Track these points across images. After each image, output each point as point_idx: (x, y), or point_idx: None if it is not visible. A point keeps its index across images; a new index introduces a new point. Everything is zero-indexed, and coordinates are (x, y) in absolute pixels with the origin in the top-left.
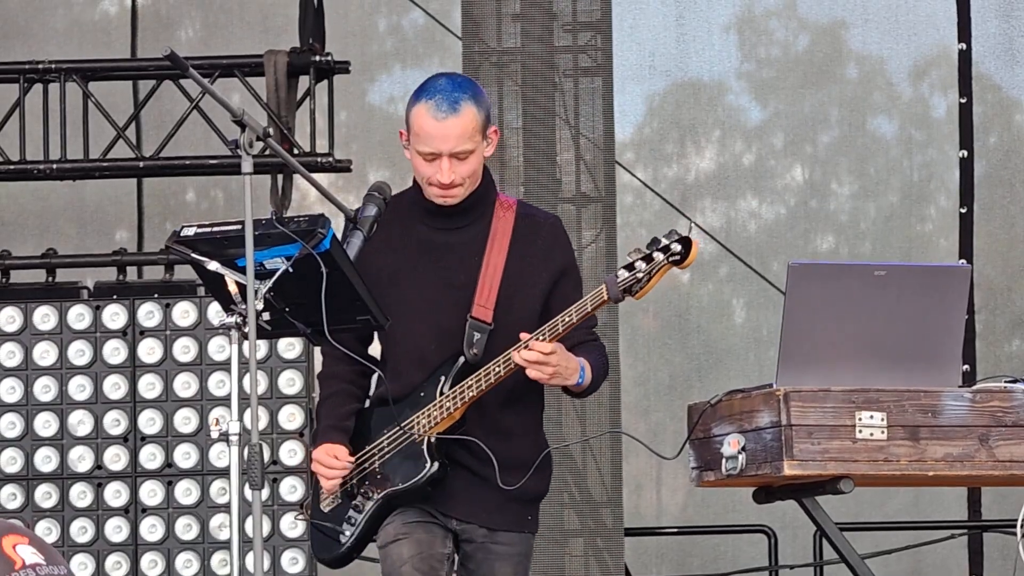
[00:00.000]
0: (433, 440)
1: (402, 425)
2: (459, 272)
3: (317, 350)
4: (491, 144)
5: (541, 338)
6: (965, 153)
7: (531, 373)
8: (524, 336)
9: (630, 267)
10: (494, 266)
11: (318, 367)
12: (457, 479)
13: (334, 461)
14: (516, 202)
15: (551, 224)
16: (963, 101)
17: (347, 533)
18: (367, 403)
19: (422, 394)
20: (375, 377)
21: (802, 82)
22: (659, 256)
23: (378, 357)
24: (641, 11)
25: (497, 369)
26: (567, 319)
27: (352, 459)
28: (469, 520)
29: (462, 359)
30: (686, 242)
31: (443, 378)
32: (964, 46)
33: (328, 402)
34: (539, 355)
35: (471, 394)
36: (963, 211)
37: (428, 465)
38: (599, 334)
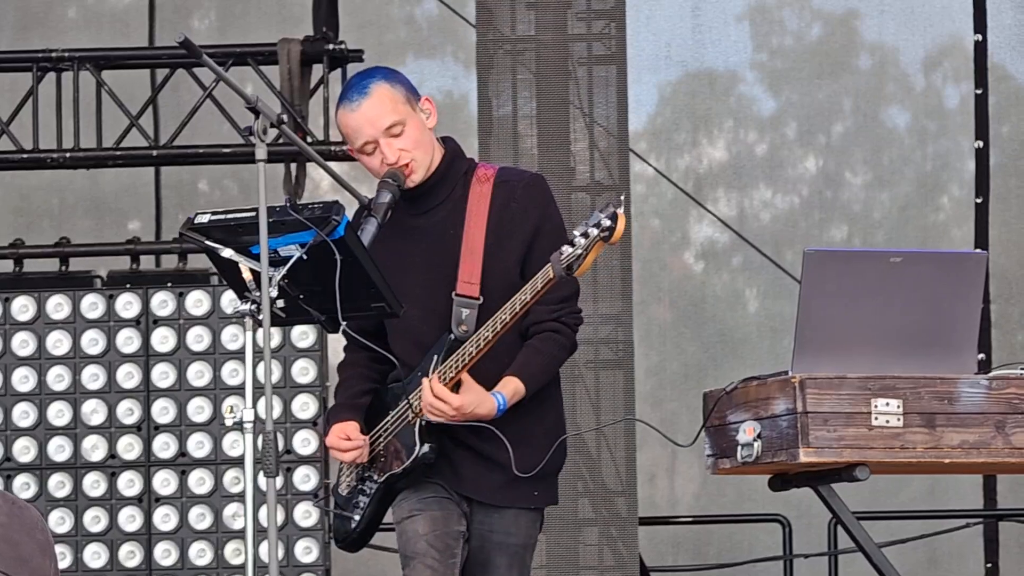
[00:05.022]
0: (423, 423)
1: (397, 408)
2: (439, 253)
3: (331, 338)
4: (430, 115)
5: (492, 330)
6: (981, 144)
7: (431, 417)
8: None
9: (572, 243)
10: (474, 240)
11: (332, 356)
12: (462, 458)
13: (346, 443)
14: (496, 171)
15: (526, 184)
16: (979, 92)
17: (356, 518)
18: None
19: (419, 374)
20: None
21: (815, 72)
22: (593, 232)
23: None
24: (657, 1)
25: (471, 350)
26: (523, 298)
27: (364, 437)
28: (475, 497)
29: (451, 336)
30: (615, 217)
31: (435, 357)
32: (980, 37)
33: (343, 385)
34: (441, 404)
35: (450, 375)
36: (979, 201)
37: (417, 448)
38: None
